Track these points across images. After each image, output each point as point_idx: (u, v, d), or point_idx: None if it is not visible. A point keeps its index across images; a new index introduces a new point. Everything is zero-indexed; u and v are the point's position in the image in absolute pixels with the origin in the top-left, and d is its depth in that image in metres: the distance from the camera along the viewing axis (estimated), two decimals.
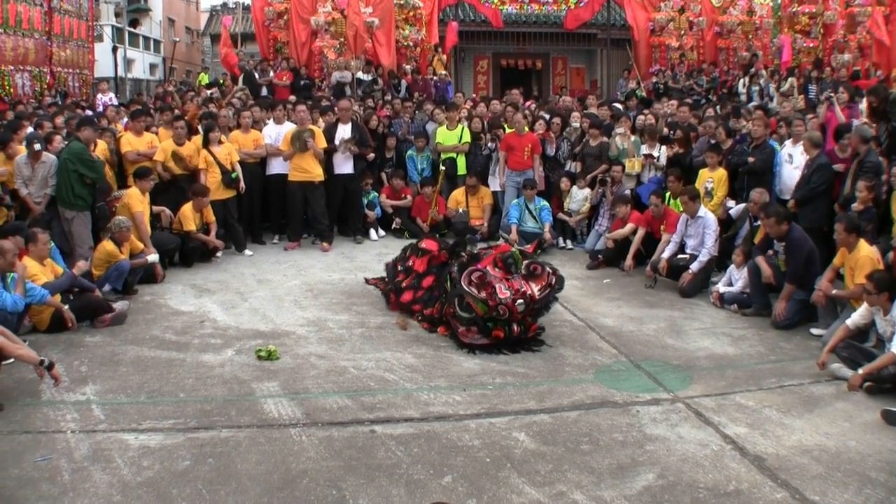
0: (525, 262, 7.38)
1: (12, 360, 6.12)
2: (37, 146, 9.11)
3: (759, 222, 8.72)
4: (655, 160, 11.33)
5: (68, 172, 8.99)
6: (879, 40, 14.55)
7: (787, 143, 10.32)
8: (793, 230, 8.10)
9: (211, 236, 10.36)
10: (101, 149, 9.91)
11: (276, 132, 11.72)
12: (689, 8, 22.92)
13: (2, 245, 6.79)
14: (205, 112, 12.84)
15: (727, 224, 9.98)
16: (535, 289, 7.15)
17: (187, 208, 10.26)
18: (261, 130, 11.88)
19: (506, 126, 12.54)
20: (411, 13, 20.92)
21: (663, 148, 11.46)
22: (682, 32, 22.74)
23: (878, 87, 10.68)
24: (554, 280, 7.35)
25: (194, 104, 13.67)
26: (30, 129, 10.30)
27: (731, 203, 10.12)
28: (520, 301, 6.99)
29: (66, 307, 7.42)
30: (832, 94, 11.88)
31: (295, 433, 5.41)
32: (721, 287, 8.81)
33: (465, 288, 7.06)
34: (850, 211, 8.24)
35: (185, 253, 10.21)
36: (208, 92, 17.09)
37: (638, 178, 11.55)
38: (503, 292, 6.98)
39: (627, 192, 11.06)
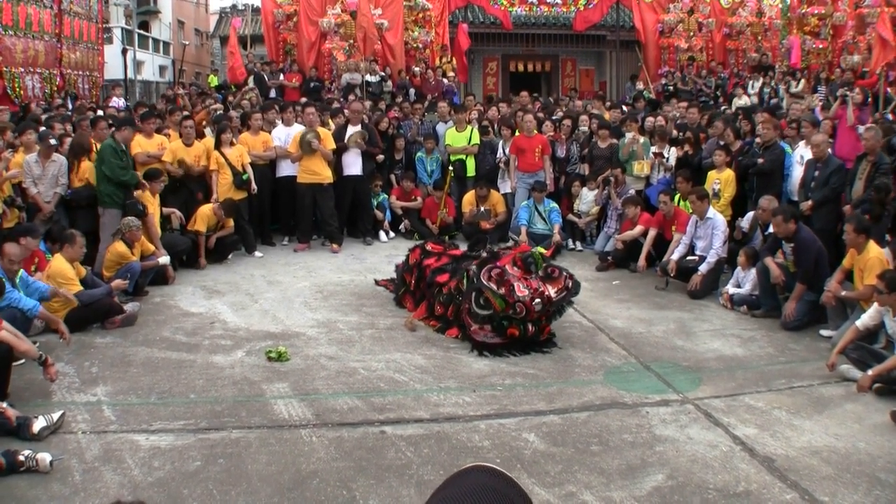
0: (543, 264, 7.39)
1: (23, 360, 6.16)
2: (52, 141, 9.24)
3: (770, 230, 8.71)
4: (665, 160, 11.31)
5: (98, 170, 9.29)
6: (882, 38, 14.50)
7: (800, 144, 10.27)
8: (800, 230, 8.10)
9: (211, 241, 10.36)
10: None
11: (285, 134, 11.75)
12: (699, 9, 22.89)
13: (6, 248, 6.83)
14: (217, 115, 12.88)
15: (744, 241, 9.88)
16: (551, 291, 7.15)
17: (206, 208, 10.32)
18: (270, 132, 11.91)
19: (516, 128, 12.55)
20: (420, 15, 20.94)
21: (673, 149, 11.45)
22: (692, 34, 22.71)
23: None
24: (570, 284, 7.35)
25: (204, 111, 13.70)
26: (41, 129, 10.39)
27: (741, 221, 10.01)
28: (537, 301, 6.99)
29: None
30: (848, 93, 11.86)
31: (305, 434, 5.43)
32: (730, 288, 8.79)
33: (485, 283, 7.07)
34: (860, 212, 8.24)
35: (193, 253, 10.26)
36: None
37: (647, 180, 11.54)
38: (521, 290, 6.98)
39: (632, 191, 11.07)
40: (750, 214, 9.76)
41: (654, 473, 4.89)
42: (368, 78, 17.99)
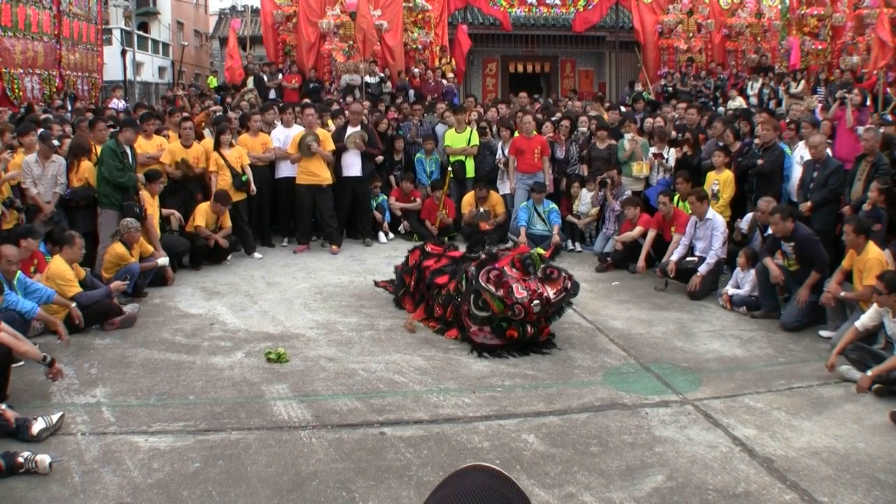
0: (542, 265, 7.38)
1: (23, 362, 6.16)
2: (55, 141, 9.28)
3: (769, 230, 8.70)
4: (664, 161, 11.32)
5: (98, 171, 9.32)
6: (881, 39, 14.55)
7: (800, 145, 10.26)
8: (799, 228, 8.11)
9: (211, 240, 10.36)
10: None
11: (284, 135, 11.74)
12: (698, 10, 22.92)
13: (3, 249, 6.83)
14: (216, 116, 12.89)
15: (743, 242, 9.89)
16: (550, 292, 7.14)
17: (204, 206, 10.31)
18: (269, 133, 11.90)
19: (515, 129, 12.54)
20: (420, 16, 20.96)
21: (672, 150, 11.45)
22: (691, 35, 22.74)
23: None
24: (569, 285, 7.33)
25: (204, 112, 13.71)
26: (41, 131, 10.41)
27: (740, 222, 10.01)
28: (536, 302, 6.97)
29: (74, 304, 7.45)
30: (846, 95, 11.87)
31: (304, 435, 5.43)
32: (730, 289, 8.79)
33: (483, 284, 7.06)
34: (860, 213, 8.25)
35: (193, 254, 10.25)
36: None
37: (646, 181, 11.55)
38: (520, 292, 6.96)
39: (628, 192, 11.07)
40: (749, 215, 9.75)
41: (653, 474, 4.89)
42: (368, 79, 18.01)
